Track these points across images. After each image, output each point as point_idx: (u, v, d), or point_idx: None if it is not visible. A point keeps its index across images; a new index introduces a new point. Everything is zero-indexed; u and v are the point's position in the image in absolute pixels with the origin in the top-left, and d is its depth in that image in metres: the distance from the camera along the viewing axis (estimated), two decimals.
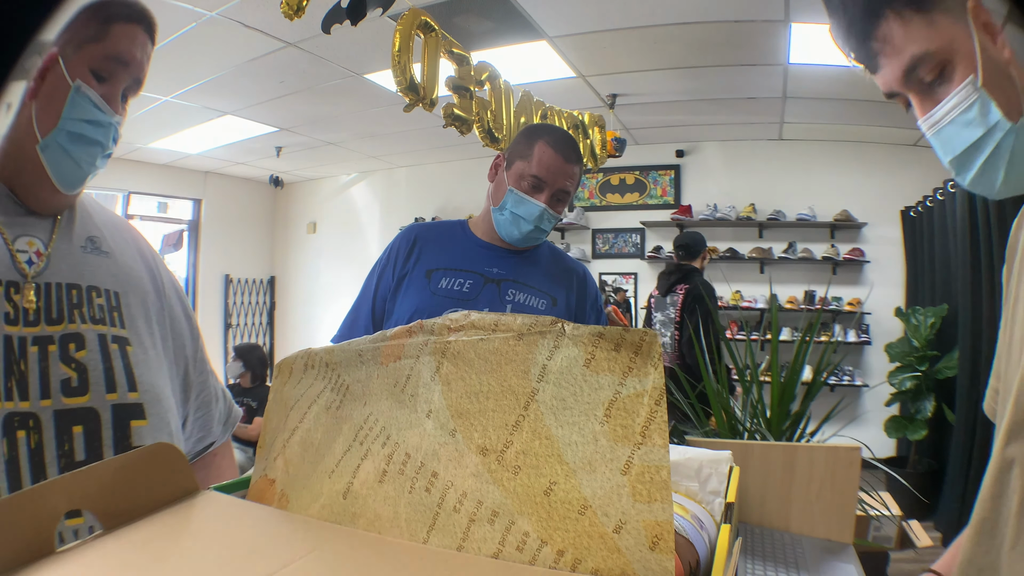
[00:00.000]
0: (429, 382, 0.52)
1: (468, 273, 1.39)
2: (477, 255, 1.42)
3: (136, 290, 0.85)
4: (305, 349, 0.66)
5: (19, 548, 0.42)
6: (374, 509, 0.50)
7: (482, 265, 1.41)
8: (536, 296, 1.41)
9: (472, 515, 0.45)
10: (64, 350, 0.74)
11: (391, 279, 1.43)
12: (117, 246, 0.86)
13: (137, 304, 0.84)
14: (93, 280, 0.80)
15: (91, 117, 0.74)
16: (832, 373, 4.71)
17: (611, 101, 4.56)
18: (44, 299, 0.75)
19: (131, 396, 0.78)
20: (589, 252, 6.21)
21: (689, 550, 0.56)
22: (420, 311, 1.34)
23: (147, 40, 0.79)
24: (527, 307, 1.39)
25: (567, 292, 1.45)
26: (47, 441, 0.70)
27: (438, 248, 1.44)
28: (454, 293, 1.37)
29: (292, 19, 1.95)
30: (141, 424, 0.78)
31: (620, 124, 5.11)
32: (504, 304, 1.38)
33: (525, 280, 1.42)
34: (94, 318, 0.78)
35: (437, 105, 2.34)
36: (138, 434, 0.78)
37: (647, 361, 0.43)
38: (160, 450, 0.53)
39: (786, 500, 1.29)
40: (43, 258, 0.76)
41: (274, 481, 0.59)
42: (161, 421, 0.82)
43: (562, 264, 1.50)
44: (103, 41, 0.75)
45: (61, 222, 0.80)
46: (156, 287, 0.90)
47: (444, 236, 1.47)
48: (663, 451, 0.41)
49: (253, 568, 0.42)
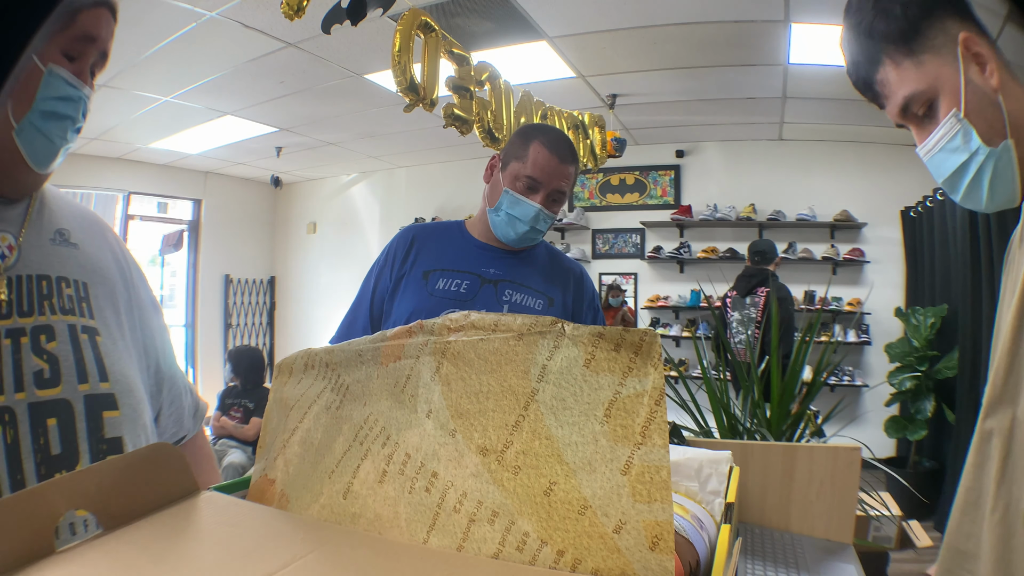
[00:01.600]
0: (429, 382, 0.52)
1: (465, 274, 1.40)
2: (474, 256, 1.43)
3: (104, 281, 0.86)
4: (305, 349, 0.66)
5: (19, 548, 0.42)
6: (374, 509, 0.50)
7: (479, 266, 1.41)
8: (533, 296, 1.42)
9: (472, 515, 0.45)
10: (36, 342, 0.74)
11: (389, 280, 1.43)
12: (85, 238, 0.86)
13: (105, 295, 0.85)
14: (62, 271, 0.80)
15: (64, 94, 0.75)
16: (832, 373, 4.72)
17: (611, 101, 4.56)
18: (15, 292, 0.75)
19: (103, 386, 0.78)
20: (589, 252, 6.21)
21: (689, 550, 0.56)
22: (418, 312, 1.35)
23: (111, 18, 0.80)
24: (524, 307, 1.40)
25: (564, 292, 1.46)
26: (23, 435, 0.70)
27: (435, 249, 1.44)
28: (451, 294, 1.38)
29: (292, 19, 1.95)
30: (114, 415, 0.78)
31: (620, 124, 5.11)
32: (501, 304, 1.38)
33: (522, 280, 1.42)
34: (64, 308, 0.78)
35: (437, 105, 2.34)
36: (111, 425, 0.77)
37: (647, 361, 0.43)
38: (160, 450, 0.53)
39: (786, 500, 1.29)
40: (14, 251, 0.76)
41: (274, 481, 0.59)
42: (134, 412, 0.81)
43: (559, 264, 1.50)
44: (71, 27, 0.75)
45: (31, 216, 0.80)
46: (124, 278, 0.90)
47: (441, 237, 1.47)
48: (663, 451, 0.41)
49: (253, 568, 0.42)
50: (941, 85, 0.74)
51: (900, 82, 0.77)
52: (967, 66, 0.73)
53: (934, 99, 0.75)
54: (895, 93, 0.77)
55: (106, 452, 0.76)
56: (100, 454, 0.75)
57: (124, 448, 0.78)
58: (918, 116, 0.77)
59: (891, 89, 0.78)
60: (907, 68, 0.75)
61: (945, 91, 0.74)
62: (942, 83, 0.74)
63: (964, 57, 0.73)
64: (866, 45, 0.79)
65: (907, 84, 0.76)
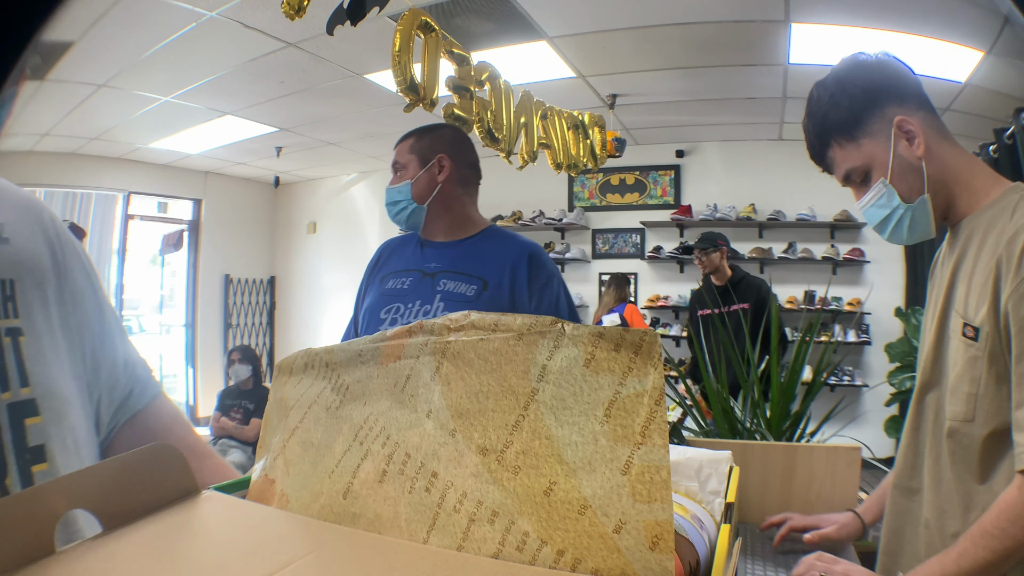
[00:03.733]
0: (429, 382, 0.52)
1: (410, 272, 1.56)
2: (421, 255, 1.59)
3: (33, 272, 0.81)
4: (305, 349, 0.66)
5: (19, 548, 0.42)
6: (374, 509, 0.50)
7: (423, 262, 1.56)
8: (466, 282, 1.50)
9: (472, 515, 0.45)
10: None
11: (364, 292, 1.63)
12: (18, 229, 0.82)
13: (34, 287, 0.80)
14: None
15: None
16: (832, 373, 4.71)
17: (611, 101, 4.56)
18: None
19: (23, 392, 0.74)
20: (589, 252, 6.21)
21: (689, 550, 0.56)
22: (369, 308, 1.56)
23: None
24: (457, 293, 1.48)
25: (501, 275, 1.50)
26: None
27: (395, 257, 1.63)
28: (394, 291, 1.54)
29: (293, 19, 1.95)
30: (35, 421, 0.74)
31: (620, 124, 5.11)
32: (435, 294, 1.49)
33: (458, 268, 1.52)
34: None
35: (437, 105, 2.33)
36: (33, 432, 0.73)
37: (647, 361, 0.43)
38: (160, 450, 0.53)
39: (786, 500, 1.29)
40: None
41: (274, 481, 0.59)
42: (56, 415, 0.77)
43: (501, 248, 1.56)
44: None
45: None
46: (56, 264, 0.85)
47: (402, 245, 1.66)
48: (663, 451, 0.41)
49: (253, 568, 0.42)
50: (873, 161, 1.00)
51: (843, 160, 1.03)
52: (897, 143, 0.98)
53: (869, 170, 1.01)
54: (840, 167, 1.04)
55: (30, 462, 0.72)
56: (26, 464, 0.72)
57: (48, 455, 0.74)
58: (856, 182, 1.04)
59: (837, 164, 1.04)
60: (849, 149, 1.02)
61: (876, 164, 1.00)
62: (874, 160, 1.00)
63: (896, 135, 0.98)
64: (820, 131, 1.04)
65: (848, 161, 1.02)
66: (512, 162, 2.92)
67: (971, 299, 0.92)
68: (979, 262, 0.92)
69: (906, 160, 0.98)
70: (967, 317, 0.92)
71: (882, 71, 1.02)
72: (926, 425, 1.02)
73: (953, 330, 0.96)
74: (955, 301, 0.97)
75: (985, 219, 0.95)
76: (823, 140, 1.04)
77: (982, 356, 0.89)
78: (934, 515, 0.98)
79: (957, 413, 0.93)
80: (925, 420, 1.02)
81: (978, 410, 0.90)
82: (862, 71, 1.02)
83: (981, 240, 0.94)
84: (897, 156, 0.98)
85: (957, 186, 0.99)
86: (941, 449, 0.97)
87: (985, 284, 0.89)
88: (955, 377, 0.94)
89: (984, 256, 0.92)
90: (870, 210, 1.03)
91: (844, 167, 1.03)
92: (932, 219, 1.00)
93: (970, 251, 0.96)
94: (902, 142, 0.98)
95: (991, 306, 0.88)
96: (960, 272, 0.97)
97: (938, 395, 1.00)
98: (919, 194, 0.98)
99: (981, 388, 0.90)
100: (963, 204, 0.99)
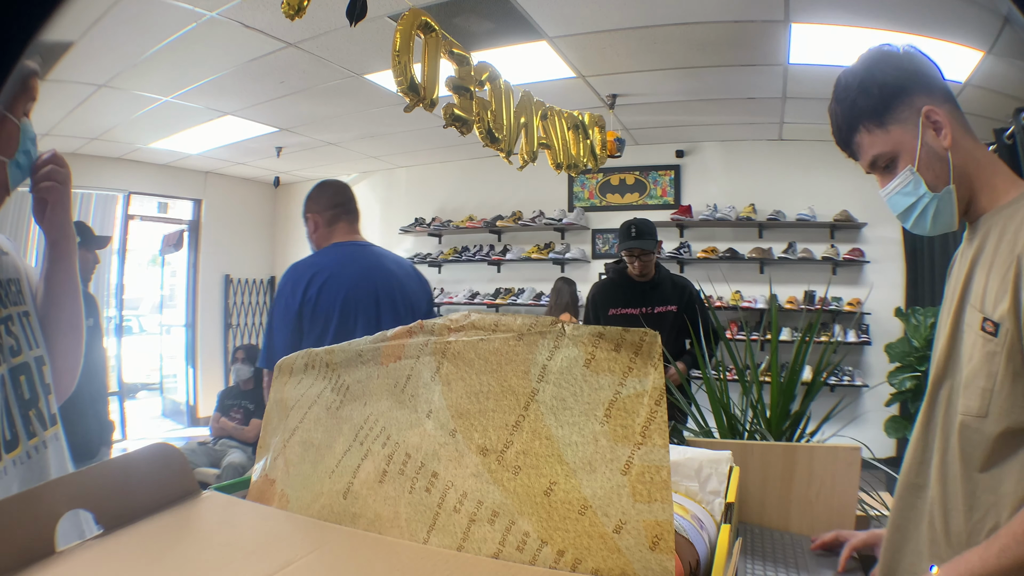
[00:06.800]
0: (429, 382, 0.52)
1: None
2: None
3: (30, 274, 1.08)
4: (305, 349, 0.66)
5: (19, 548, 0.42)
6: (374, 509, 0.50)
7: None
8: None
9: (472, 515, 0.45)
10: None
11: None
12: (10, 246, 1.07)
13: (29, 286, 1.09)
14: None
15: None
16: (832, 373, 4.71)
17: (611, 101, 4.55)
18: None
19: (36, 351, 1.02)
20: (589, 252, 6.20)
21: (689, 550, 0.56)
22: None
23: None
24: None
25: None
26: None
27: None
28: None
29: (292, 19, 1.95)
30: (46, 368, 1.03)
31: (620, 124, 5.11)
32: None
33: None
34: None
35: (437, 105, 2.33)
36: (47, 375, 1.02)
37: (647, 361, 0.43)
38: (160, 450, 0.53)
39: (786, 500, 1.29)
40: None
41: (274, 481, 0.59)
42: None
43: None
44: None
45: None
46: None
47: None
48: (663, 451, 0.41)
49: (253, 568, 0.42)
50: (901, 148, 1.01)
51: (871, 145, 1.03)
52: (925, 132, 0.99)
53: (895, 157, 1.01)
54: (866, 152, 1.04)
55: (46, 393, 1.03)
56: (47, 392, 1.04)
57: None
58: (882, 168, 1.04)
59: (864, 149, 1.04)
60: (877, 135, 1.02)
61: (903, 152, 1.00)
62: (902, 146, 1.00)
63: (924, 125, 0.99)
64: (848, 116, 1.04)
65: (876, 147, 1.02)
66: (512, 162, 2.92)
67: (989, 294, 0.92)
68: (997, 257, 0.93)
69: (933, 150, 0.99)
70: (985, 311, 0.92)
71: (911, 61, 1.03)
72: (937, 419, 1.02)
73: (969, 324, 0.96)
74: (971, 295, 0.97)
75: (1004, 216, 0.95)
76: (851, 125, 1.04)
77: (1000, 352, 0.89)
78: (938, 512, 0.98)
79: (971, 408, 0.93)
80: (936, 415, 1.02)
81: (992, 406, 0.90)
82: (892, 60, 1.03)
83: (999, 236, 0.94)
84: (924, 145, 0.99)
85: (979, 181, 0.99)
86: (950, 444, 0.97)
87: (1005, 280, 0.89)
88: (970, 371, 0.94)
89: (1003, 252, 0.92)
90: (895, 197, 1.03)
91: (871, 153, 1.03)
92: (956, 210, 1.00)
93: (988, 247, 0.96)
94: (929, 132, 0.98)
95: (1012, 303, 0.88)
96: (978, 267, 0.97)
97: (951, 388, 1.00)
98: (945, 184, 0.99)
99: (997, 384, 0.90)
100: (984, 200, 0.99)
